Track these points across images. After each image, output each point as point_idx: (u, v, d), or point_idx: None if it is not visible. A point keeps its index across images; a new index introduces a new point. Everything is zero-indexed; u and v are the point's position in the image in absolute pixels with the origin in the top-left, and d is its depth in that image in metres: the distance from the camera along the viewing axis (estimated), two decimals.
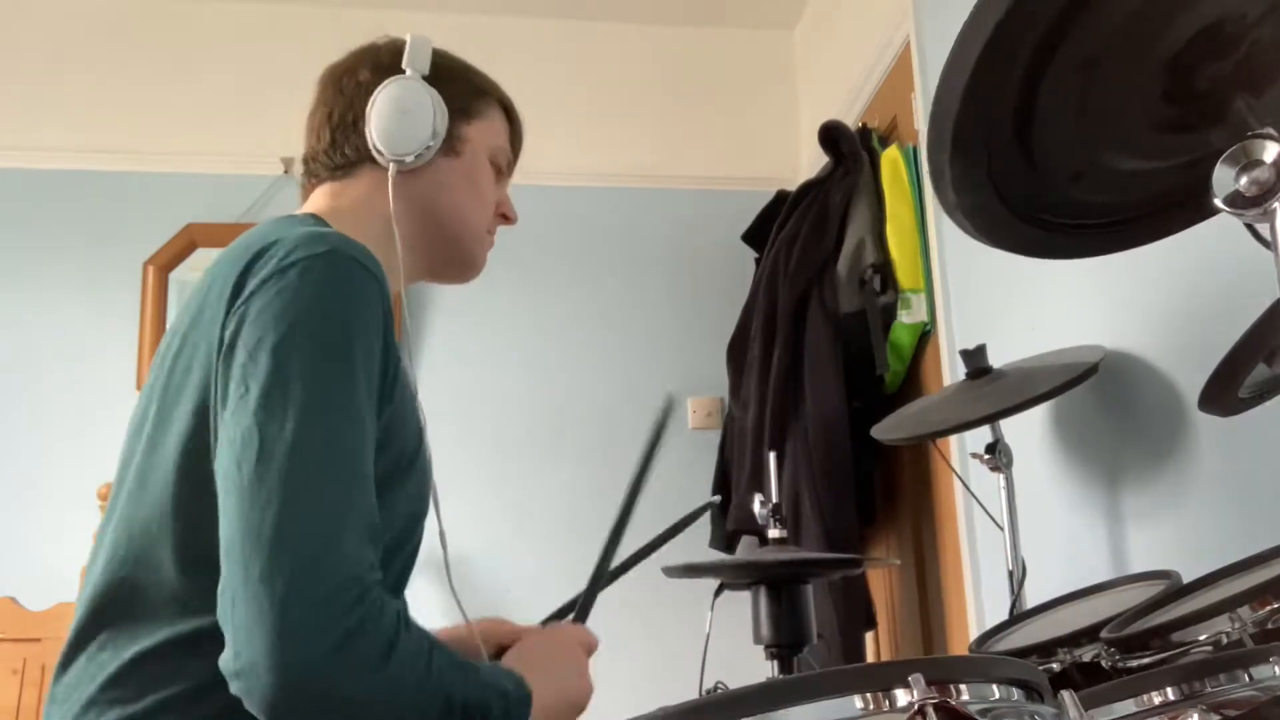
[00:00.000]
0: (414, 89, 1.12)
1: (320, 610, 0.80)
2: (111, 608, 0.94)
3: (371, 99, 1.12)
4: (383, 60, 1.16)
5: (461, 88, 1.18)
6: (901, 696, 0.67)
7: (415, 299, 3.27)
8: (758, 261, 3.03)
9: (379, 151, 1.12)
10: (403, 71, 1.13)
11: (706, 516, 2.95)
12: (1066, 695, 0.72)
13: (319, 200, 1.15)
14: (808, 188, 2.84)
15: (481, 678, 0.91)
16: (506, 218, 1.24)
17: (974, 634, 2.20)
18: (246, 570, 0.81)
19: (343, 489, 0.86)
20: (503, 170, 1.23)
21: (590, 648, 1.10)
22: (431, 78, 1.14)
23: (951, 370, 2.40)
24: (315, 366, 0.88)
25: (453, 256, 1.20)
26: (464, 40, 1.25)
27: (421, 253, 1.17)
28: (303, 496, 0.83)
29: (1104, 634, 1.10)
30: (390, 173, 1.12)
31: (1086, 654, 1.17)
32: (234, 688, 0.81)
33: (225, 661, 0.81)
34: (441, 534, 1.07)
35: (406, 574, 1.06)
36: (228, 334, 0.91)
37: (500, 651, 1.09)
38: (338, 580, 0.81)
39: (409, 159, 1.12)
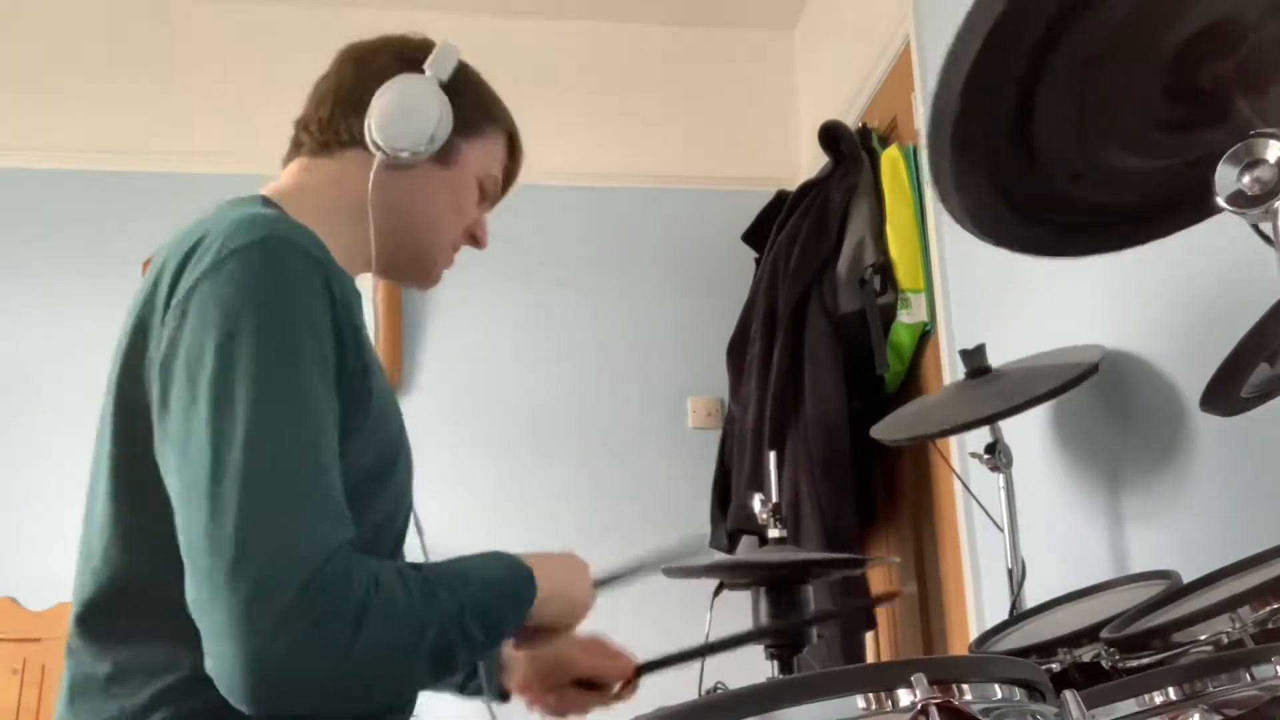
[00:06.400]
0: (427, 89, 1.11)
1: (286, 608, 0.80)
2: (105, 613, 0.94)
3: (383, 85, 1.10)
4: (406, 53, 1.14)
5: (473, 105, 1.16)
6: (904, 696, 0.67)
7: (415, 297, 3.27)
8: (758, 261, 3.03)
9: (373, 140, 1.10)
10: (423, 70, 1.12)
11: (706, 516, 2.95)
12: (1069, 695, 0.72)
13: (284, 177, 1.14)
14: (808, 188, 2.84)
15: (472, 577, 0.94)
16: (476, 239, 1.22)
17: (974, 634, 2.20)
18: (211, 576, 0.81)
19: (299, 483, 0.86)
20: (487, 195, 1.21)
21: (594, 583, 1.13)
22: (448, 86, 1.12)
23: (951, 370, 2.40)
24: (262, 362, 0.87)
25: (412, 261, 1.18)
26: (464, 40, 1.24)
27: (382, 249, 1.13)
28: (259, 497, 0.83)
29: (1104, 634, 1.10)
30: (377, 161, 1.10)
31: (1087, 654, 1.17)
32: (220, 689, 0.82)
33: (207, 665, 0.83)
34: (420, 532, 1.08)
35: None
36: (166, 332, 0.90)
37: None
38: (300, 576, 0.82)
39: (400, 155, 1.09)
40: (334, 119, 1.13)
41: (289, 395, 0.87)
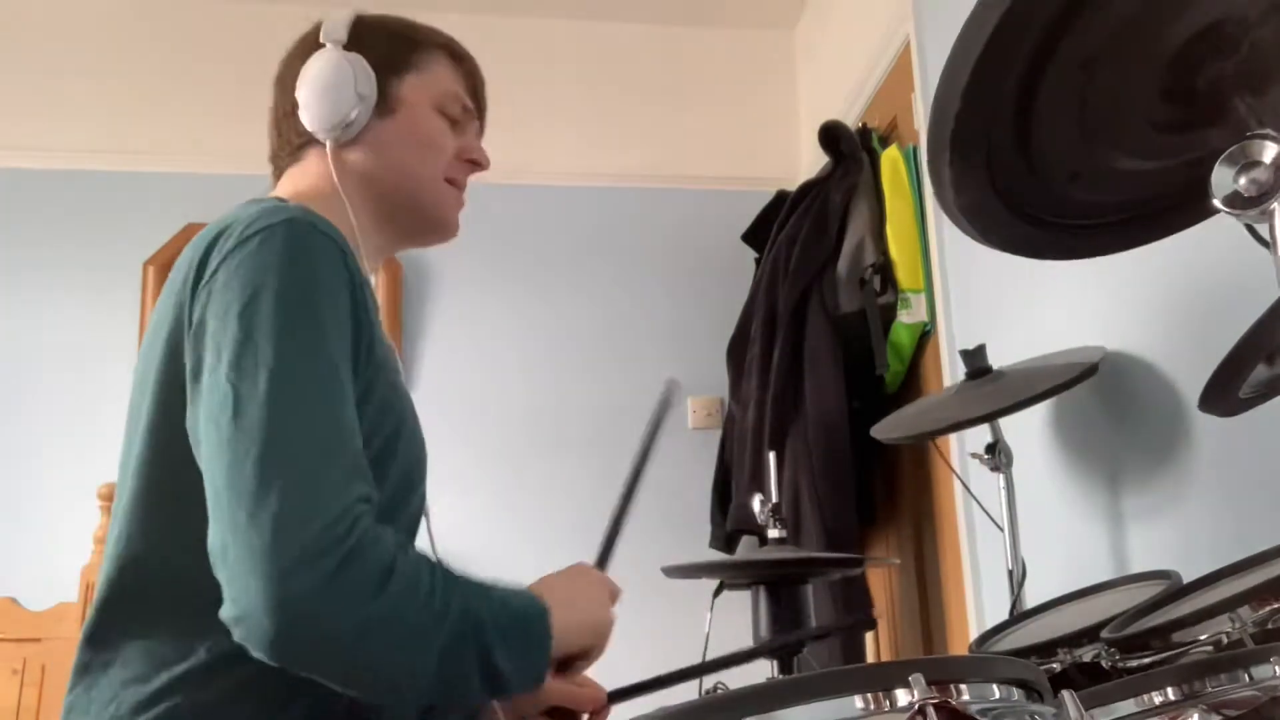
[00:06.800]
0: (330, 59, 1.12)
1: (309, 546, 0.81)
2: (121, 600, 0.95)
3: (298, 83, 1.12)
4: (307, 45, 1.16)
5: (388, 45, 1.16)
6: (902, 696, 0.67)
7: (415, 297, 3.27)
8: (758, 261, 3.03)
9: (312, 130, 1.11)
10: (322, 46, 1.13)
11: (706, 515, 2.95)
12: (1067, 695, 0.72)
13: (282, 186, 1.16)
14: (808, 188, 2.84)
15: (493, 596, 0.92)
16: (476, 164, 1.21)
17: (974, 634, 2.20)
18: (234, 518, 0.82)
19: (321, 430, 0.87)
20: (458, 117, 1.19)
21: (613, 592, 1.10)
22: (353, 42, 1.13)
23: (951, 370, 2.40)
24: (282, 323, 0.89)
25: (415, 217, 1.18)
26: (464, 40, 1.24)
27: (386, 220, 1.15)
28: (281, 440, 0.84)
29: (1104, 634, 1.10)
30: (328, 148, 1.11)
31: (1086, 654, 1.17)
32: (236, 635, 0.82)
33: (225, 612, 0.83)
34: (430, 532, 1.07)
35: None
36: (196, 311, 0.93)
37: None
38: (324, 515, 0.82)
39: (339, 130, 1.11)
40: (283, 136, 1.16)
41: (308, 353, 0.90)
